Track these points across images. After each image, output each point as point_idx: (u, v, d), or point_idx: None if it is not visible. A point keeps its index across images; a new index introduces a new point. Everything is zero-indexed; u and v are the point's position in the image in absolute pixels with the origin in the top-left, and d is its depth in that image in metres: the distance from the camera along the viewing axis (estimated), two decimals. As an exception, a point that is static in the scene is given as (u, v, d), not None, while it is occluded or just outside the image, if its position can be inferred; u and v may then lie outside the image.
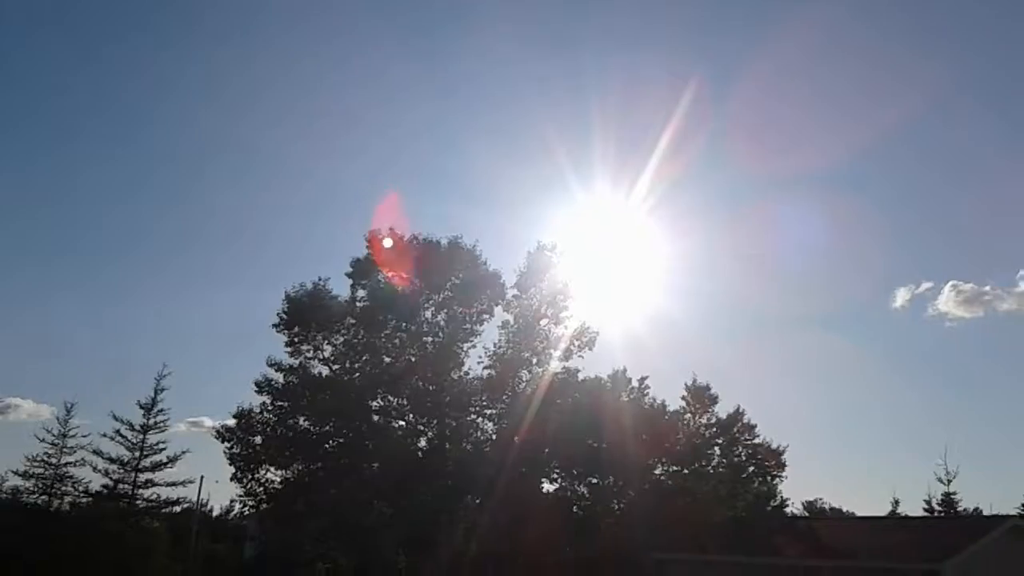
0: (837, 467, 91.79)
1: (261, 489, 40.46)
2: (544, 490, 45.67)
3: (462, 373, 41.98)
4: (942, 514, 40.12)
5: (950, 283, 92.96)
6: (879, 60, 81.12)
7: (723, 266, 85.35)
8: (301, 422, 40.98)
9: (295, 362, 41.07)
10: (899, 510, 42.61)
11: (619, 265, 51.66)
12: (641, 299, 56.50)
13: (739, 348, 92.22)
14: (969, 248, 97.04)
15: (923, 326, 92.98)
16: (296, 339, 40.91)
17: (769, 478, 50.11)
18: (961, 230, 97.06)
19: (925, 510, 41.58)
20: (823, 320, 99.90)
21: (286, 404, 40.77)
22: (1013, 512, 36.52)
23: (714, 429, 49.92)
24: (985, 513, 39.35)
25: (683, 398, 50.39)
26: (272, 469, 40.58)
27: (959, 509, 40.37)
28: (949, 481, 40.27)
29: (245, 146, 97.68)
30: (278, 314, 40.87)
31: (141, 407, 42.84)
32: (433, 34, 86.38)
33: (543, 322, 41.82)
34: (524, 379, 41.75)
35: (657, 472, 47.27)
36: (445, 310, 41.91)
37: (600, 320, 43.37)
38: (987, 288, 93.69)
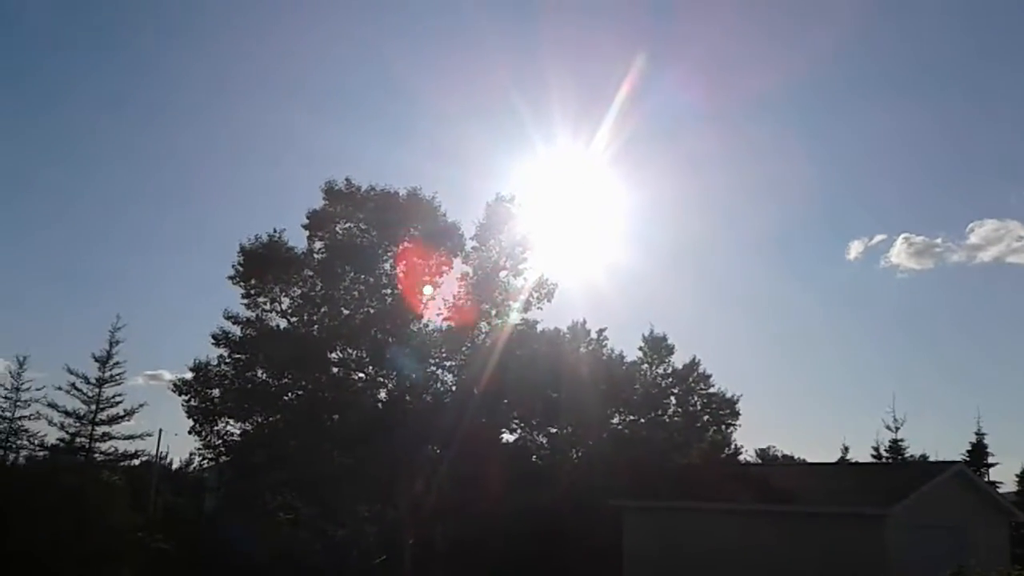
0: (790, 416, 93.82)
1: (220, 442, 40.38)
2: (503, 440, 46.26)
3: (421, 325, 41.97)
4: (889, 460, 41.14)
5: (902, 235, 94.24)
6: None
7: (682, 217, 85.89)
8: (259, 374, 40.77)
9: (252, 315, 40.77)
10: (848, 457, 43.61)
11: (579, 216, 51.63)
12: (601, 250, 56.80)
13: (696, 299, 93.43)
14: (921, 201, 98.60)
15: (876, 277, 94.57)
16: (253, 291, 40.48)
17: (723, 426, 51.29)
18: (915, 182, 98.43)
19: (873, 456, 42.57)
20: (781, 271, 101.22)
21: (244, 356, 40.49)
22: (958, 458, 37.50)
23: (670, 379, 50.83)
24: (931, 459, 40.33)
25: (640, 349, 51.19)
26: (231, 421, 40.46)
27: (906, 456, 41.37)
28: (897, 428, 41.28)
29: (195, 99, 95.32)
30: (233, 266, 40.33)
31: (96, 360, 42.29)
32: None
33: (502, 274, 41.72)
34: (483, 331, 41.82)
35: (614, 422, 48.16)
36: (404, 262, 41.67)
37: (560, 272, 43.43)
38: (938, 240, 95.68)
